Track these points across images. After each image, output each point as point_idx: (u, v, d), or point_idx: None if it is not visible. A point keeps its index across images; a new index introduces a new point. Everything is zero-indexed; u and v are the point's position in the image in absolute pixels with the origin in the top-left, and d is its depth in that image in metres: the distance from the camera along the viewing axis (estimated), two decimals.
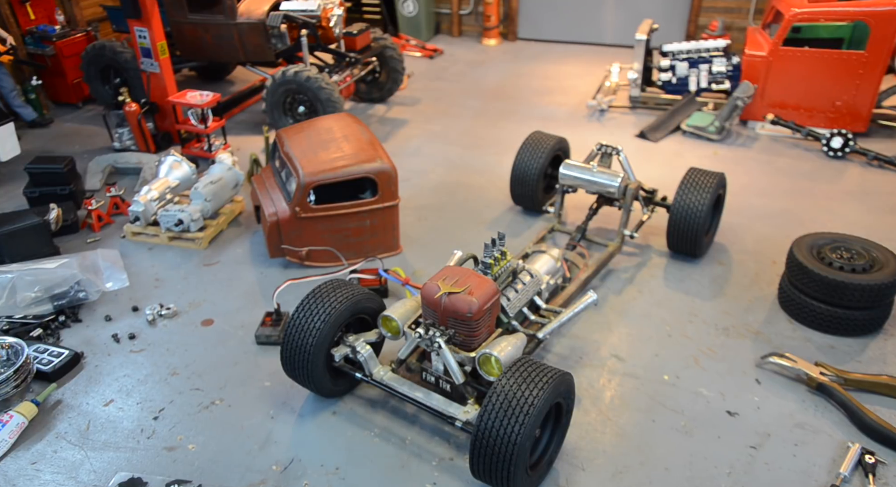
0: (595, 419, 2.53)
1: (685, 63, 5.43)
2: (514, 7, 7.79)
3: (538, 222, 3.93)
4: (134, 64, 5.12)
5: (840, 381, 2.60)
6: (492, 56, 7.39)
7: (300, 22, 5.20)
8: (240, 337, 2.99)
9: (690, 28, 7.15)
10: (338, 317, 2.43)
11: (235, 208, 3.96)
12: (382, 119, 5.61)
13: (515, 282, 2.64)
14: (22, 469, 2.35)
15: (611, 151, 3.55)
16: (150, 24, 4.60)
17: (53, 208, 3.61)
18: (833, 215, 3.98)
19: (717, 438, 2.44)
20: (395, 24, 7.88)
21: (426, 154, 4.89)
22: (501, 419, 2.00)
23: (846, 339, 2.92)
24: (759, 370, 2.76)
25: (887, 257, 2.93)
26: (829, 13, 4.70)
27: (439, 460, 2.37)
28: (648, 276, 3.42)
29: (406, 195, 3.81)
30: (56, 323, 3.04)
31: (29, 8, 5.74)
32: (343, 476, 2.32)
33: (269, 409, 2.60)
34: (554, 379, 2.08)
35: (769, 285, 3.30)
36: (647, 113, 5.53)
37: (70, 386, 2.72)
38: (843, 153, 4.65)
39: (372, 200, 3.40)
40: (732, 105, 4.92)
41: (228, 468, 2.34)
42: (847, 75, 4.76)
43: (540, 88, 6.26)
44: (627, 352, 2.88)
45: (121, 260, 3.49)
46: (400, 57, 5.71)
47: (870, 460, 2.27)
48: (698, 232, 3.32)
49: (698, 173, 3.43)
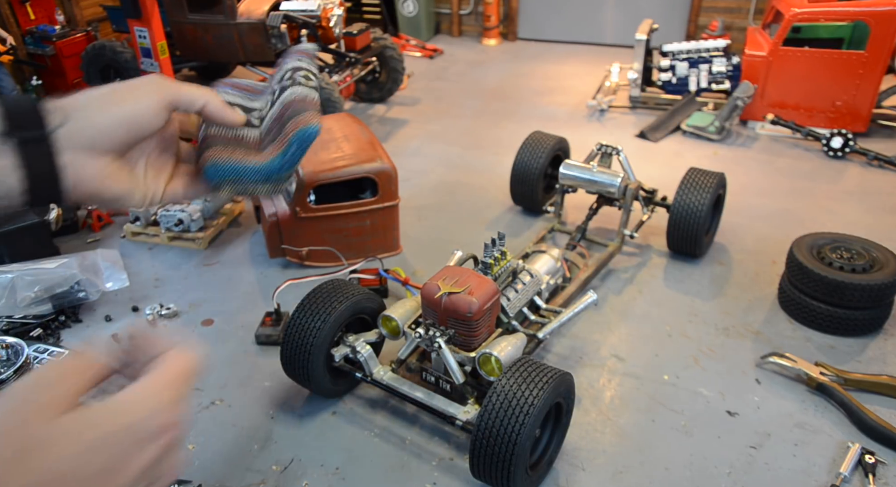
0: (595, 419, 2.53)
1: (685, 63, 5.43)
2: (514, 7, 7.79)
3: (538, 222, 3.93)
4: (134, 64, 5.11)
5: (840, 381, 2.60)
6: (492, 56, 7.39)
7: (300, 22, 5.20)
8: (240, 337, 2.99)
9: (690, 28, 7.15)
10: (338, 317, 2.43)
11: (235, 208, 3.96)
12: (382, 119, 5.61)
13: (515, 282, 2.64)
14: None
15: (611, 151, 3.54)
16: (150, 24, 4.60)
17: (53, 208, 3.60)
18: (833, 215, 3.98)
19: (717, 438, 2.44)
20: (395, 24, 7.88)
21: (426, 154, 4.89)
22: (501, 419, 2.00)
23: (846, 339, 2.92)
24: (759, 370, 2.76)
25: (887, 257, 2.93)
26: (829, 13, 4.70)
27: (439, 460, 2.37)
28: (648, 276, 3.42)
29: (406, 195, 3.81)
30: (56, 323, 3.04)
31: (29, 8, 5.74)
32: (343, 476, 2.32)
33: (269, 409, 2.60)
34: (554, 379, 2.08)
35: (769, 285, 3.30)
36: (647, 113, 5.53)
37: None
38: (843, 153, 4.65)
39: (372, 200, 3.40)
40: (732, 105, 4.92)
41: (228, 468, 2.34)
42: (847, 75, 4.76)
43: (540, 88, 6.26)
44: (627, 352, 2.88)
45: (121, 260, 3.49)
46: (400, 57, 5.71)
47: (870, 460, 2.27)
48: (698, 232, 3.32)
49: (698, 173, 3.43)
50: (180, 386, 0.62)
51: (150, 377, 0.60)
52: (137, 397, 0.58)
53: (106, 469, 0.54)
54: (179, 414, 0.60)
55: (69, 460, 0.53)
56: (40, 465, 0.52)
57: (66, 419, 0.54)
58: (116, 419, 0.56)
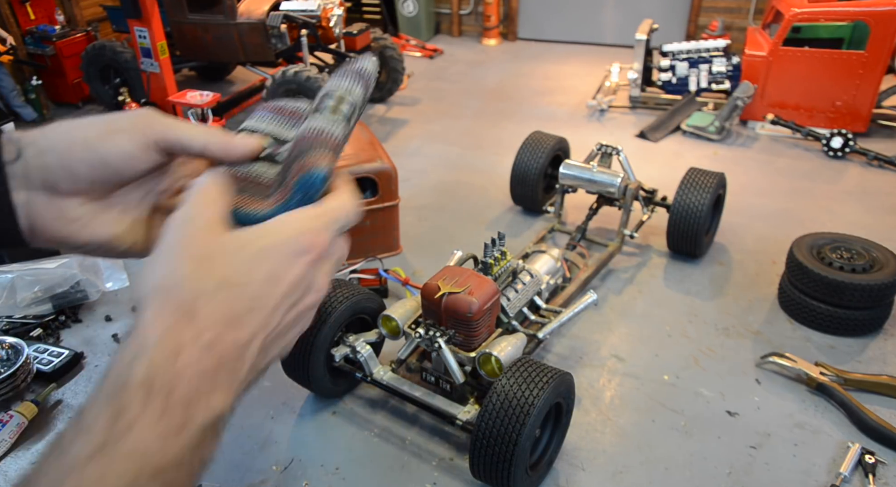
0: (595, 419, 2.53)
1: (685, 63, 5.43)
2: (514, 7, 7.79)
3: (538, 222, 3.93)
4: (134, 64, 5.12)
5: (840, 381, 2.60)
6: (492, 56, 7.39)
7: (300, 22, 5.21)
8: None
9: (690, 28, 7.15)
10: (338, 317, 2.43)
11: None
12: (382, 119, 5.61)
13: (515, 282, 2.64)
14: (22, 469, 2.35)
15: (611, 151, 3.55)
16: (150, 24, 4.60)
17: None
18: (833, 215, 3.98)
19: (717, 438, 2.44)
20: (395, 24, 7.88)
21: (426, 154, 4.89)
22: (501, 419, 2.00)
23: (846, 339, 2.92)
24: (759, 370, 2.76)
25: (887, 257, 2.93)
26: (829, 13, 4.70)
27: (439, 460, 2.37)
28: (648, 276, 3.42)
29: (406, 195, 3.81)
30: (56, 323, 3.04)
31: (29, 8, 5.74)
32: (343, 476, 2.32)
33: (269, 409, 2.60)
34: (554, 379, 2.08)
35: (769, 285, 3.30)
36: (647, 113, 5.53)
37: (70, 386, 2.72)
38: (843, 153, 4.65)
39: (372, 200, 3.40)
40: (732, 105, 4.92)
41: (228, 468, 2.34)
42: (847, 75, 4.76)
43: (540, 88, 6.27)
44: (627, 352, 2.88)
45: (120, 260, 3.49)
46: (400, 57, 5.71)
47: (870, 460, 2.27)
48: (698, 232, 3.32)
49: (698, 173, 3.43)
50: (327, 220, 0.67)
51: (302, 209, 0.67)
52: (284, 220, 0.65)
53: (268, 277, 0.62)
54: (325, 238, 0.66)
55: (240, 267, 0.61)
56: (220, 271, 0.60)
57: (228, 236, 0.62)
58: (269, 236, 0.63)
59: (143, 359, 0.55)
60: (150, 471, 0.53)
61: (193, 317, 0.58)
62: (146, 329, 0.57)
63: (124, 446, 0.53)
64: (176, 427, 0.55)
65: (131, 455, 0.53)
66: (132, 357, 0.55)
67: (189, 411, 0.56)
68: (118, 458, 0.52)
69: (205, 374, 0.57)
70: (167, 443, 0.55)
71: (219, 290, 0.59)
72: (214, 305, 0.59)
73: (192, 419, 0.57)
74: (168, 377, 0.55)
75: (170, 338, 0.56)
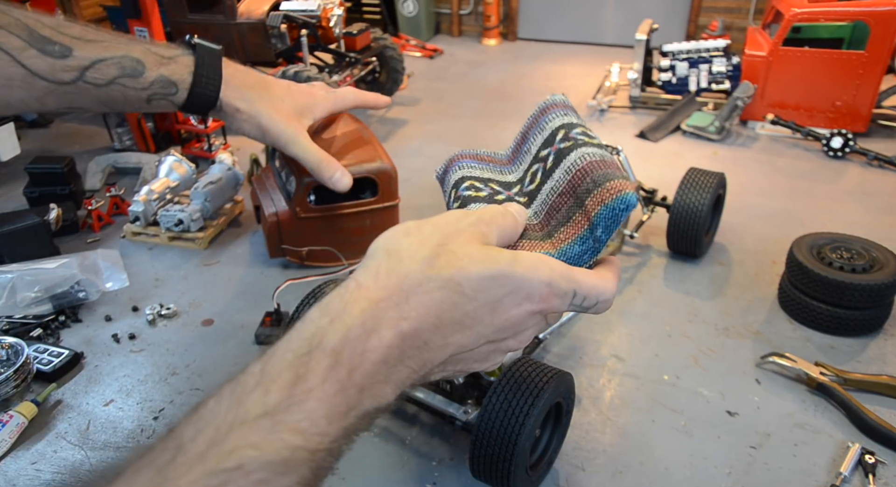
0: (595, 419, 2.53)
1: (685, 63, 5.44)
2: (514, 7, 7.79)
3: None
4: None
5: (840, 381, 2.60)
6: (492, 56, 7.39)
7: (300, 22, 5.21)
8: (240, 337, 2.99)
9: (690, 28, 7.15)
10: None
11: (235, 208, 3.96)
12: (382, 119, 5.61)
13: None
14: (22, 469, 2.35)
15: (611, 151, 3.55)
16: (150, 24, 4.60)
17: (53, 208, 3.61)
18: (833, 215, 3.97)
19: (717, 438, 2.44)
20: (395, 24, 7.88)
21: (426, 154, 4.89)
22: (501, 419, 2.00)
23: (846, 339, 2.92)
24: (759, 370, 2.76)
25: (887, 257, 2.92)
26: (829, 13, 4.71)
27: (439, 460, 2.37)
28: (648, 276, 3.42)
29: (406, 195, 3.80)
30: (56, 323, 3.03)
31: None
32: (343, 475, 2.32)
33: None
34: (554, 379, 2.08)
35: (769, 285, 3.29)
36: (647, 113, 5.53)
37: (70, 386, 2.72)
38: (843, 153, 4.65)
39: (372, 200, 3.40)
40: (732, 105, 4.92)
41: None
42: (847, 75, 4.76)
43: (540, 89, 6.27)
44: (627, 352, 2.88)
45: (121, 260, 3.49)
46: (400, 57, 5.71)
47: (870, 460, 2.27)
48: (698, 232, 3.32)
49: (698, 173, 3.43)
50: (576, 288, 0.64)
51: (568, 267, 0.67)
52: (544, 261, 0.64)
53: (493, 303, 0.60)
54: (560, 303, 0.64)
55: (473, 279, 0.60)
56: (454, 273, 0.60)
57: (482, 247, 0.63)
58: (518, 267, 0.62)
59: (340, 326, 0.53)
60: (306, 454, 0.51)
61: (404, 301, 0.56)
62: (358, 291, 0.55)
63: (292, 418, 0.51)
64: (345, 408, 0.54)
65: (296, 430, 0.51)
66: (333, 317, 0.53)
67: (361, 395, 0.55)
68: (284, 430, 0.51)
69: (387, 362, 0.56)
70: (331, 424, 0.53)
71: (441, 289, 0.58)
72: (429, 300, 0.57)
73: (360, 405, 0.55)
74: (356, 352, 0.54)
75: (372, 312, 0.55)
